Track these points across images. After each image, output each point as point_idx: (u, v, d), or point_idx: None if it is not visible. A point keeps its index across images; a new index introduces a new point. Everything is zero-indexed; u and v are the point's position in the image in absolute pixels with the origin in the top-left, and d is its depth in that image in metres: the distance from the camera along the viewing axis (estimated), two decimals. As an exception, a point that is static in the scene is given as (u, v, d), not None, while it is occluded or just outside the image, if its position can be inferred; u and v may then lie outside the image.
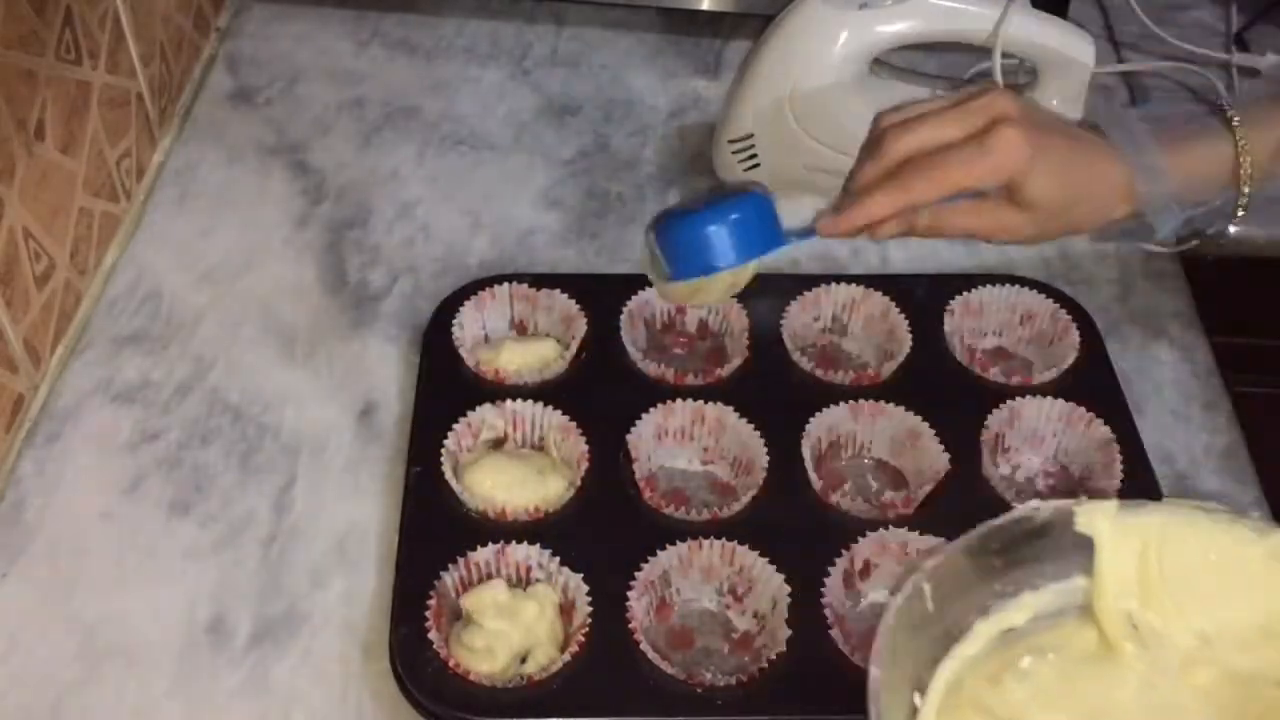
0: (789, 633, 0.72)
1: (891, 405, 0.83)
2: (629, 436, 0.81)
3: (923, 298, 0.89)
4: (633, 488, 0.80)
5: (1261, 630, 0.59)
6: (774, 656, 0.71)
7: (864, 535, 0.76)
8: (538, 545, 0.75)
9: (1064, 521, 0.60)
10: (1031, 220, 0.72)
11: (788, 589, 0.73)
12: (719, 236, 0.73)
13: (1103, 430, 0.82)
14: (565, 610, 0.74)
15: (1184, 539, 0.59)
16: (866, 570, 0.76)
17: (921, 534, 0.75)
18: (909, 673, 0.57)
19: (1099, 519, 0.60)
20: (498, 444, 0.83)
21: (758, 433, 0.81)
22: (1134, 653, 0.59)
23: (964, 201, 0.72)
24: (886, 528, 0.76)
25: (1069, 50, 0.92)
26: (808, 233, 0.74)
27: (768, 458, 0.80)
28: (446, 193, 1.04)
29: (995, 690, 0.59)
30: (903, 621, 0.57)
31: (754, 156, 0.96)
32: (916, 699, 0.57)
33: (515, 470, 0.79)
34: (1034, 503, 0.61)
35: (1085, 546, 0.60)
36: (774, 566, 0.74)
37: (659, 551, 0.75)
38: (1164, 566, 0.59)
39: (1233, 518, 0.59)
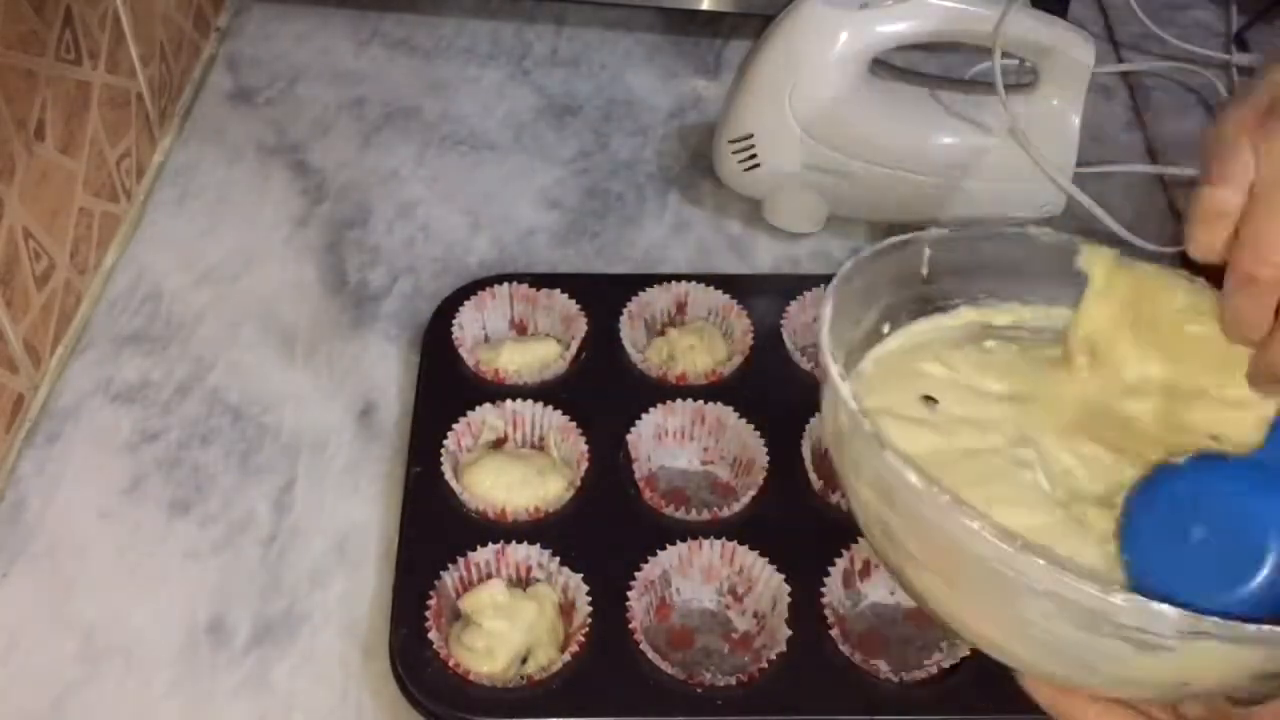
0: (789, 633, 0.72)
1: (891, 405, 0.83)
2: (629, 436, 0.81)
3: (923, 297, 0.89)
4: (632, 488, 0.79)
5: (1199, 391, 0.60)
6: (774, 656, 0.71)
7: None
8: (538, 545, 0.75)
9: (1067, 251, 0.63)
10: None
11: (788, 589, 0.73)
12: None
13: (1103, 430, 0.82)
14: (565, 610, 0.74)
15: (1165, 298, 0.62)
16: (866, 570, 0.76)
17: (921, 534, 0.75)
18: (881, 305, 0.62)
19: (1097, 262, 0.62)
20: (498, 444, 0.83)
21: (758, 433, 0.81)
22: (1085, 365, 0.62)
23: None
24: (886, 528, 0.76)
25: (1069, 50, 0.92)
26: None
27: (768, 458, 0.80)
28: (446, 193, 1.04)
29: (956, 351, 0.63)
30: (890, 259, 0.61)
31: (754, 156, 0.96)
32: (885, 327, 0.62)
33: (515, 470, 0.79)
34: (1046, 228, 0.64)
35: (1080, 284, 0.63)
36: (774, 566, 0.74)
37: (659, 551, 0.75)
38: (1140, 314, 0.62)
39: (1217, 294, 0.60)
